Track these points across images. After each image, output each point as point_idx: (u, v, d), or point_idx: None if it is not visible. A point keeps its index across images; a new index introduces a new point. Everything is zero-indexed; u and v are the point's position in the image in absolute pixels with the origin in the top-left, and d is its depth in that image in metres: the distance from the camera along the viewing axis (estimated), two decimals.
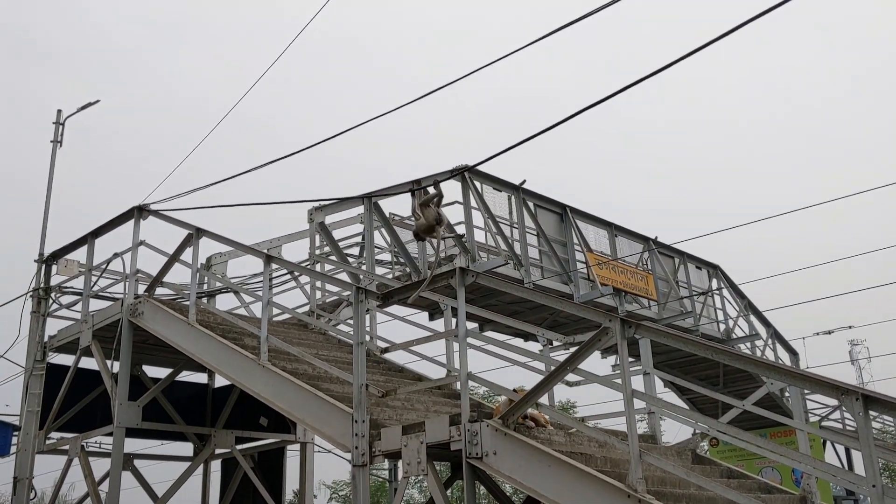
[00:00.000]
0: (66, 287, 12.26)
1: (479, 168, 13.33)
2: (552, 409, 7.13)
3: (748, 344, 18.76)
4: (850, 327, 19.30)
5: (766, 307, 19.06)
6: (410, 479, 7.18)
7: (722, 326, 18.26)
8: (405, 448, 6.96)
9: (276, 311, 12.25)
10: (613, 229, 16.21)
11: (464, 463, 6.49)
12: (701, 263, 18.50)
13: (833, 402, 16.18)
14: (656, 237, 17.09)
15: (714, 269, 18.69)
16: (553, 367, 6.48)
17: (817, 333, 19.50)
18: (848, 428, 20.62)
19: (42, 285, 12.14)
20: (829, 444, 17.39)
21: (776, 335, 19.46)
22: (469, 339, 7.54)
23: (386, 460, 7.54)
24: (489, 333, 14.07)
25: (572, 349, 6.84)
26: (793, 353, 20.03)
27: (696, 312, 17.38)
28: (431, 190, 9.01)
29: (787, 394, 16.33)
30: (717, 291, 18.38)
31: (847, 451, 17.03)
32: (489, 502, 32.51)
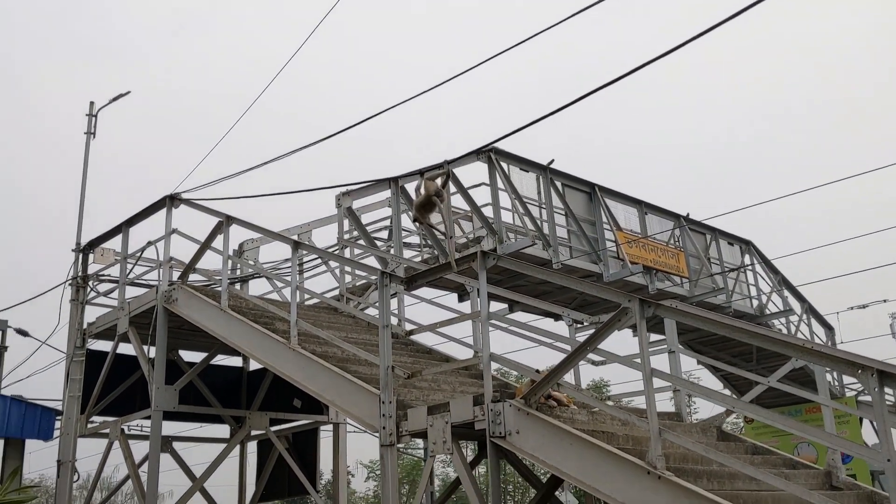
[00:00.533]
0: (103, 275, 12.58)
1: (507, 150, 13.38)
2: (576, 389, 7.20)
3: (782, 320, 18.61)
4: (885, 301, 18.98)
5: (800, 282, 18.87)
6: (443, 457, 7.32)
7: (755, 302, 18.13)
8: (431, 428, 7.09)
9: (307, 295, 12.51)
10: (643, 207, 16.13)
11: (488, 442, 6.60)
12: (733, 239, 18.35)
13: None
14: (688, 214, 16.98)
15: (746, 245, 18.53)
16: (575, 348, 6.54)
17: (851, 308, 19.22)
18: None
19: (80, 274, 12.47)
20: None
21: (811, 310, 19.28)
22: (495, 321, 7.63)
23: (413, 440, 7.68)
24: (517, 315, 14.19)
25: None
26: (828, 327, 19.83)
27: (729, 289, 17.27)
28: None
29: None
30: (749, 267, 18.23)
31: None
32: (515, 479, 32.80)
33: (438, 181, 7.87)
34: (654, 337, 13.70)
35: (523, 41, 7.65)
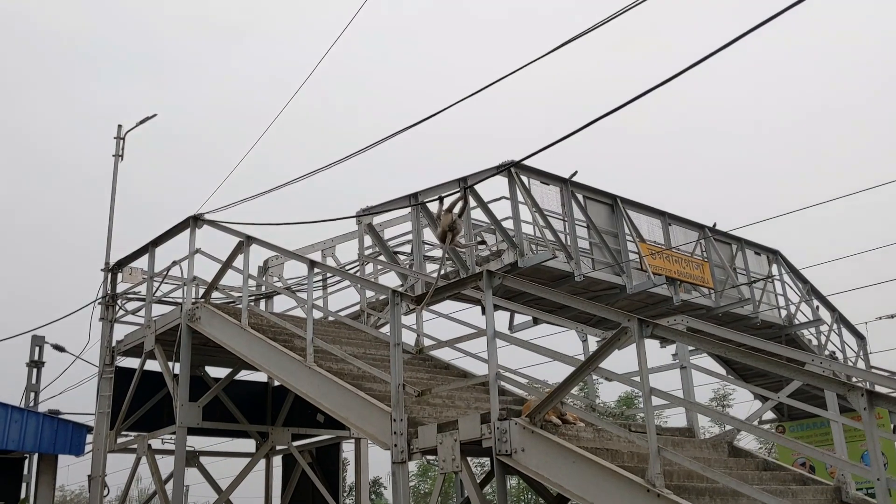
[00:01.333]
0: (131, 294, 12.91)
1: (527, 163, 13.46)
2: (582, 408, 7.26)
3: (812, 330, 18.39)
4: None
5: (829, 291, 18.63)
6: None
7: (783, 312, 17.94)
8: (440, 445, 7.20)
9: (330, 309, 12.70)
10: (667, 218, 16.09)
11: (494, 459, 6.69)
12: (760, 249, 18.20)
13: None
14: (714, 224, 16.89)
15: (774, 255, 18.36)
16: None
17: (880, 318, 18.93)
18: None
19: (109, 293, 12.81)
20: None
21: (841, 319, 19.01)
22: (502, 337, 7.71)
23: (426, 456, 7.79)
24: (542, 326, 14.27)
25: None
26: (860, 337, 19.53)
27: (756, 299, 17.12)
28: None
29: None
30: (776, 278, 18.05)
31: None
32: (528, 494, 32.69)
33: (456, 209, 7.93)
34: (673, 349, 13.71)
35: (544, 55, 7.75)
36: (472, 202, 12.88)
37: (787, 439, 5.34)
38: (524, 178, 13.33)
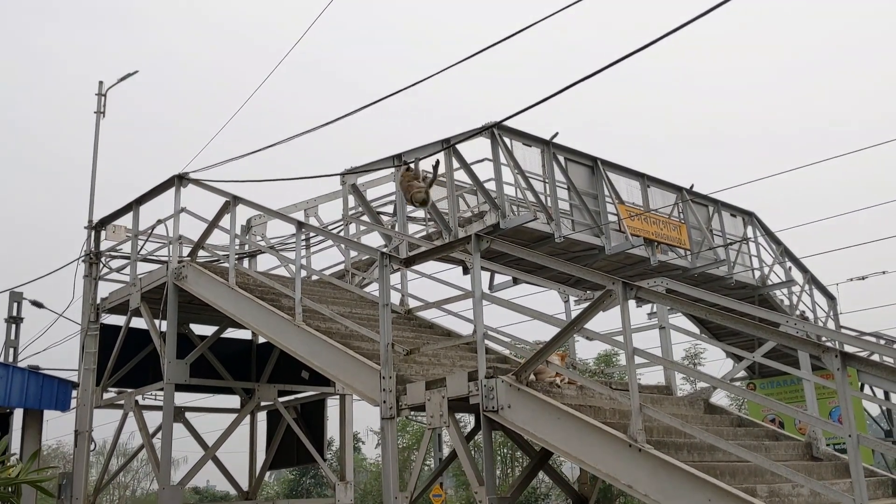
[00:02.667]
0: (115, 252, 12.94)
1: (510, 125, 13.56)
2: (565, 367, 7.51)
3: (784, 290, 18.83)
4: (884, 272, 19.16)
5: (802, 254, 19.05)
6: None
7: (757, 273, 18.35)
8: (429, 402, 7.44)
9: (314, 268, 12.83)
10: (646, 180, 16.31)
11: (481, 416, 6.94)
12: (736, 211, 18.52)
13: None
14: (692, 186, 17.13)
15: (749, 217, 18.70)
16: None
17: (851, 279, 19.41)
18: None
19: (93, 250, 12.83)
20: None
21: (813, 280, 19.47)
22: (489, 298, 7.92)
23: (413, 413, 8.04)
24: (522, 287, 14.51)
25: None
26: (830, 297, 20.03)
27: (731, 260, 17.49)
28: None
29: None
30: (751, 239, 18.41)
31: (886, 394, 17.14)
32: (503, 449, 33.43)
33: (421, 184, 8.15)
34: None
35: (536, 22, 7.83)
36: (456, 163, 13.01)
37: (762, 397, 5.61)
38: (507, 140, 13.46)
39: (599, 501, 9.00)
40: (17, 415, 13.19)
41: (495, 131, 13.17)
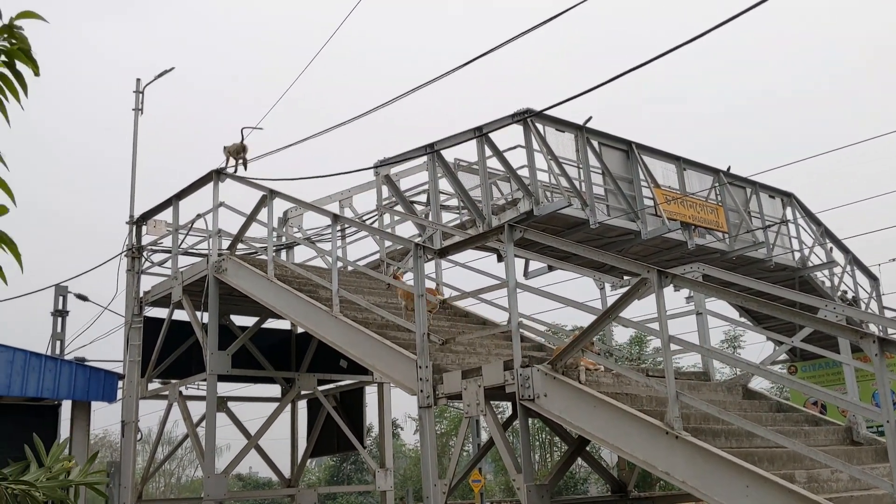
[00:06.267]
0: (156, 246, 13.21)
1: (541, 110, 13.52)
2: (599, 353, 7.53)
3: (825, 272, 18.56)
4: None
5: (843, 235, 18.74)
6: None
7: (797, 255, 18.10)
8: (465, 391, 7.51)
9: (349, 259, 12.96)
10: (682, 163, 16.15)
11: (517, 404, 7.00)
12: (774, 192, 18.25)
13: None
14: (729, 168, 16.93)
15: (788, 198, 18.42)
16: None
17: (893, 259, 19.06)
18: None
19: (135, 245, 13.11)
20: None
21: (855, 261, 19.16)
22: (523, 287, 7.95)
23: (450, 401, 8.12)
24: (546, 276, 14.53)
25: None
26: (873, 278, 19.69)
27: (770, 242, 17.26)
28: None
29: None
30: (790, 221, 18.15)
31: None
32: (540, 432, 33.43)
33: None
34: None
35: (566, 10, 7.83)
36: (488, 151, 13.02)
37: (800, 383, 5.59)
38: (539, 126, 13.40)
39: (639, 487, 8.99)
40: (66, 406, 13.57)
41: (528, 119, 13.13)
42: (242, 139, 12.50)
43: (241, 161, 12.47)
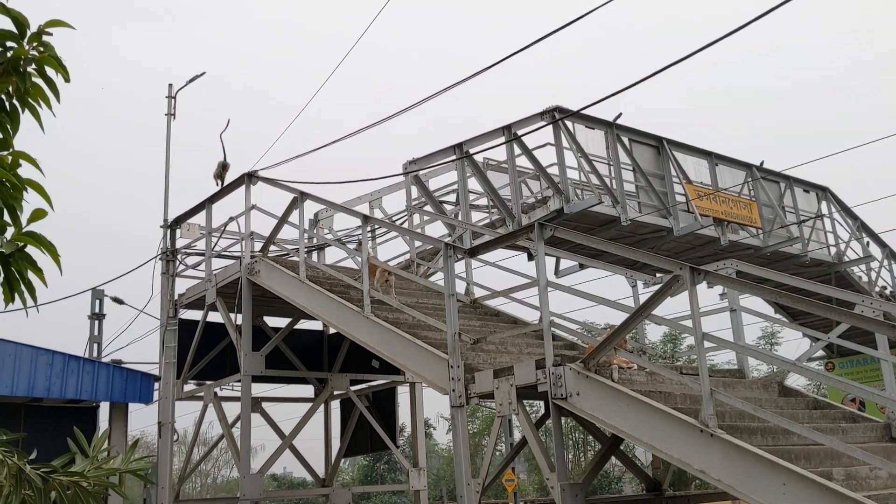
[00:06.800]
0: (190, 249, 13.37)
1: (571, 108, 13.45)
2: (632, 352, 7.48)
3: (862, 266, 18.25)
4: None
5: (880, 229, 18.42)
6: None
7: (833, 250, 17.82)
8: (497, 390, 7.51)
9: (380, 260, 13.01)
10: (714, 158, 15.98)
11: (550, 403, 6.98)
12: (809, 187, 17.99)
13: None
14: (762, 162, 16.71)
15: (823, 192, 18.15)
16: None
17: None
18: None
19: (169, 248, 13.28)
20: None
21: (892, 255, 18.82)
22: (554, 286, 7.93)
23: (482, 400, 8.12)
24: (577, 274, 14.46)
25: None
26: None
27: (805, 237, 17.02)
28: None
29: None
30: (825, 215, 17.87)
31: None
32: (573, 431, 33.24)
33: None
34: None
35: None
36: (517, 149, 12.99)
37: (837, 379, 5.50)
38: (568, 124, 13.34)
39: (674, 486, 8.94)
40: (104, 408, 13.80)
41: (556, 115, 13.07)
42: (224, 157, 13.37)
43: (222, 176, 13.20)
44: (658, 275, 9.22)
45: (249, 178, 11.61)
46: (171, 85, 14.26)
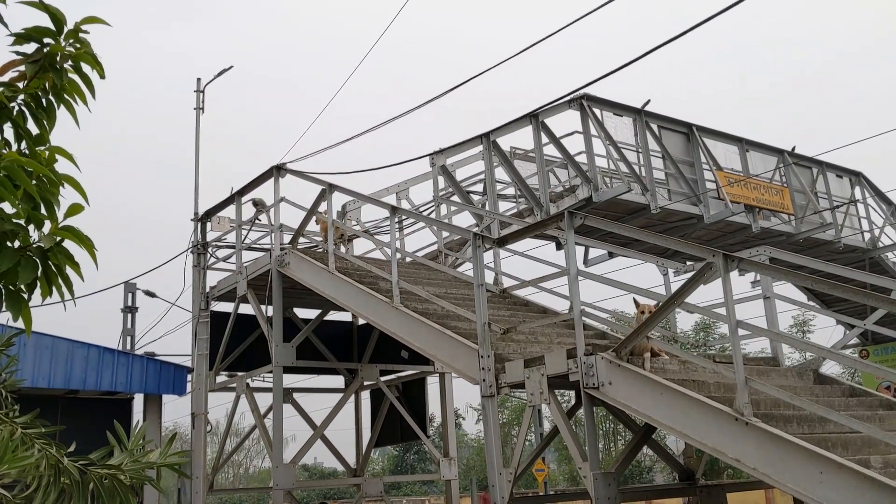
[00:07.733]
0: (220, 242, 13.49)
1: (599, 96, 13.34)
2: (667, 341, 7.42)
3: None
4: None
5: None
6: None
7: (867, 236, 17.54)
8: (528, 380, 7.49)
9: (408, 250, 13.04)
10: (745, 144, 15.78)
11: (582, 393, 6.95)
12: (842, 172, 17.71)
13: None
14: (793, 148, 16.47)
15: (857, 177, 17.86)
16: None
17: None
18: None
19: (200, 241, 13.41)
20: None
21: None
22: (584, 274, 7.89)
23: (513, 390, 8.11)
24: (607, 263, 14.37)
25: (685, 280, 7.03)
26: None
27: (838, 223, 16.77)
28: None
29: None
30: (859, 201, 17.59)
31: None
32: (604, 421, 33.09)
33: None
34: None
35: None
36: (544, 137, 12.91)
37: (873, 366, 5.42)
38: (596, 111, 13.23)
39: (706, 475, 8.89)
40: (138, 399, 13.99)
41: (584, 102, 12.96)
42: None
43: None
44: (689, 263, 9.13)
45: (278, 170, 11.67)
46: (199, 79, 14.37)
